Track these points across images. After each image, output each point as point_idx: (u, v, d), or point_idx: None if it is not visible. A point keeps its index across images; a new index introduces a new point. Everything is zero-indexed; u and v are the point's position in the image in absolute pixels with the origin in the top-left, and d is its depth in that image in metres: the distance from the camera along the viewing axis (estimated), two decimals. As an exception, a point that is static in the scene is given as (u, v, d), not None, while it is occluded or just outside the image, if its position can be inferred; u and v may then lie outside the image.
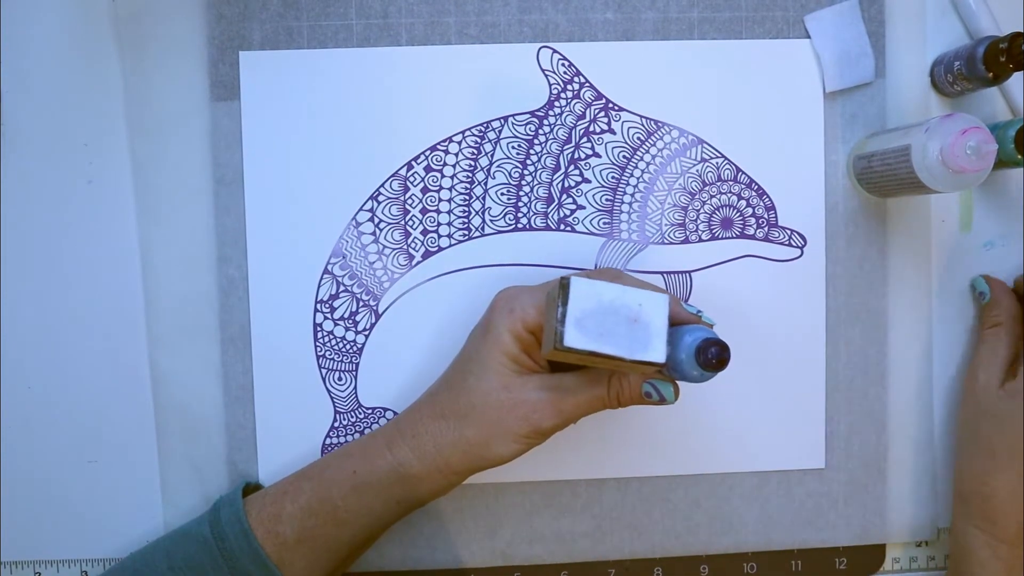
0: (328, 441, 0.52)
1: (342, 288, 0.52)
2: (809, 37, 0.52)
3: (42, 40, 0.50)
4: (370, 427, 0.52)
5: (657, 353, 0.39)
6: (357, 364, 0.52)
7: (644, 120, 0.52)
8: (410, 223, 0.52)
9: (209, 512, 0.47)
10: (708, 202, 0.52)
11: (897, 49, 0.52)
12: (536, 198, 0.52)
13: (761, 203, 0.52)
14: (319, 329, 0.52)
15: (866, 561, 0.54)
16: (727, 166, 0.52)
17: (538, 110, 0.51)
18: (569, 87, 0.52)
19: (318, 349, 0.52)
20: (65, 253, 0.51)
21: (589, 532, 0.53)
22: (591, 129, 0.52)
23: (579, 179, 0.52)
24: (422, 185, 0.51)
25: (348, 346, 0.52)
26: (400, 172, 0.51)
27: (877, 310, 0.53)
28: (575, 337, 0.38)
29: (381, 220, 0.51)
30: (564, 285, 0.39)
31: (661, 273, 0.52)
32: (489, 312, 0.45)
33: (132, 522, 0.52)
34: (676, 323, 0.41)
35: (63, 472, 0.52)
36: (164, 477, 0.52)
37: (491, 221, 0.52)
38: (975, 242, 0.54)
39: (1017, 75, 0.50)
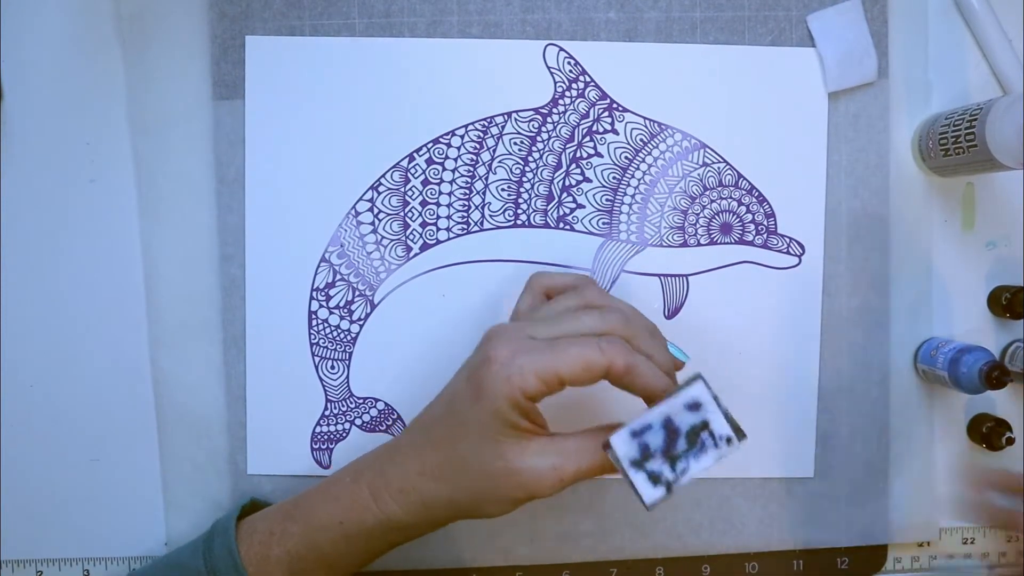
0: (318, 429, 0.52)
1: (338, 277, 0.52)
2: (812, 38, 0.52)
3: (44, 39, 0.51)
4: (360, 417, 0.52)
5: (731, 432, 0.37)
6: (350, 353, 0.52)
7: (648, 122, 0.52)
8: (409, 215, 0.52)
9: (203, 541, 0.46)
10: (708, 207, 0.52)
11: (900, 49, 0.52)
12: (536, 195, 0.52)
13: (761, 210, 0.52)
14: (314, 317, 0.52)
15: (868, 561, 0.54)
16: (729, 171, 0.52)
17: (542, 107, 0.51)
18: (574, 85, 0.52)
19: (312, 337, 0.52)
20: (67, 252, 0.51)
21: (591, 532, 0.53)
22: (594, 128, 0.52)
23: (580, 178, 0.52)
24: (423, 177, 0.51)
25: (342, 335, 0.52)
26: (402, 163, 0.51)
27: (879, 310, 0.53)
28: (653, 494, 0.37)
29: (380, 211, 0.51)
30: (615, 459, 0.37)
31: (658, 275, 0.52)
32: (480, 371, 0.39)
33: (134, 521, 0.52)
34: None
35: (65, 471, 0.52)
36: (166, 476, 0.52)
37: (490, 216, 0.52)
38: (978, 242, 0.54)
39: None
